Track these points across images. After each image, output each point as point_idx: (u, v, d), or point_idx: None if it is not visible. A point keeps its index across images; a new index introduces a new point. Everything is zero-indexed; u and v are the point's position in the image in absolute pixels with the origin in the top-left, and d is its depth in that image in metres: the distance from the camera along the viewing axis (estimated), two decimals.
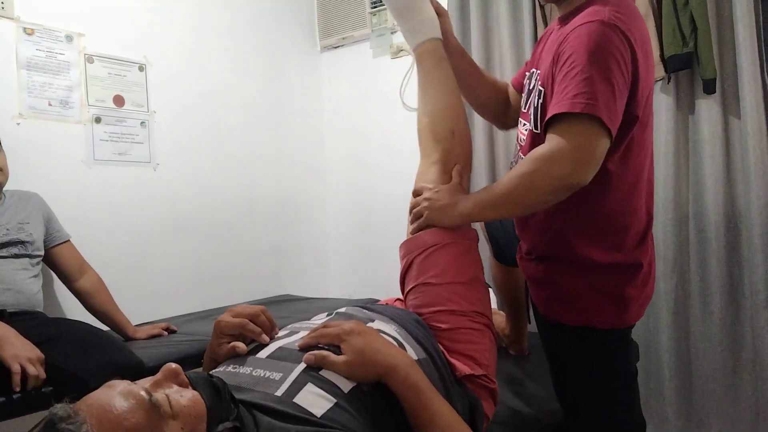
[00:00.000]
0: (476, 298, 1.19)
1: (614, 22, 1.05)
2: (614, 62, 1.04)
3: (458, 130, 1.31)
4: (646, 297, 1.27)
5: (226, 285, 2.77)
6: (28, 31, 2.13)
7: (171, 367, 0.79)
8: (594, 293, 1.21)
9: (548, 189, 1.07)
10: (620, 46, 1.05)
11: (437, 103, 1.34)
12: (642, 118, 1.15)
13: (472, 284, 1.20)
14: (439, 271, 1.18)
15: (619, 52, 1.05)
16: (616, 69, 1.04)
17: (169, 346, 1.87)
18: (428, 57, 1.38)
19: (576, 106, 1.03)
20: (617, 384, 1.26)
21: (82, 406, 0.71)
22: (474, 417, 1.09)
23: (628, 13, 1.10)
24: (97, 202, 2.30)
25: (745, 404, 2.11)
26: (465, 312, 1.15)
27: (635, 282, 1.22)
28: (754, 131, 1.99)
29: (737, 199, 2.12)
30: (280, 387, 0.87)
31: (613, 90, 1.04)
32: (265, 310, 1.05)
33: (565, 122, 1.05)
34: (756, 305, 2.03)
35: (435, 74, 1.36)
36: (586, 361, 1.25)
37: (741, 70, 2.01)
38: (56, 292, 2.14)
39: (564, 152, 1.04)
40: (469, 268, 1.21)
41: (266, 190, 3.02)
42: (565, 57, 1.08)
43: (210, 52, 2.78)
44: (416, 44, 1.40)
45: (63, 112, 2.22)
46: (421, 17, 1.38)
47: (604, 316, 1.21)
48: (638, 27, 1.11)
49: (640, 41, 1.10)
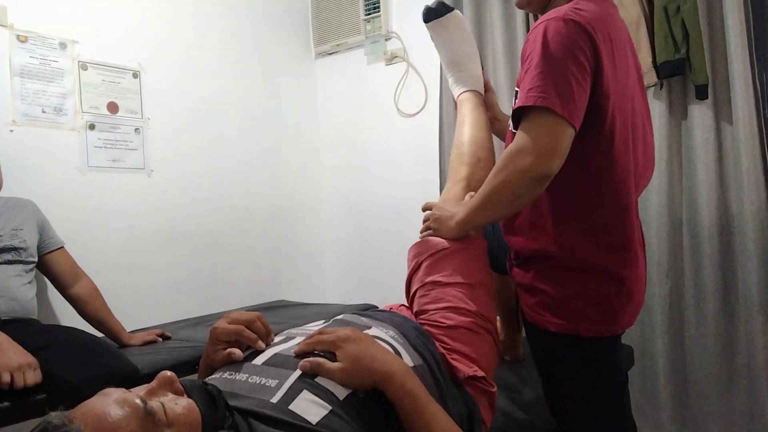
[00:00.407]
0: (482, 302, 1.23)
1: (570, 17, 1.08)
2: (569, 55, 1.06)
3: (484, 158, 1.49)
4: (635, 306, 1.26)
5: (221, 291, 2.76)
6: (21, 38, 2.13)
7: (166, 375, 0.79)
8: (581, 300, 1.20)
9: (518, 183, 1.10)
10: (576, 39, 1.07)
11: (470, 135, 1.52)
12: (615, 112, 1.15)
13: (480, 288, 1.26)
14: (449, 272, 1.24)
15: (575, 45, 1.06)
16: (571, 61, 1.06)
17: (164, 352, 1.87)
18: (468, 102, 1.59)
19: (530, 100, 1.07)
20: (607, 391, 1.26)
21: (77, 414, 0.71)
22: (472, 424, 1.09)
23: (592, 10, 1.12)
24: (91, 209, 2.30)
25: (739, 408, 2.12)
26: (470, 311, 1.19)
27: (621, 292, 1.21)
28: (747, 137, 2.01)
29: (730, 204, 2.13)
30: (275, 394, 0.87)
31: (569, 81, 1.05)
32: (260, 317, 1.05)
33: (524, 117, 1.10)
34: (750, 310, 2.04)
35: (471, 115, 1.56)
36: (575, 369, 1.24)
37: (733, 76, 2.03)
38: (50, 299, 2.13)
39: (525, 145, 1.08)
40: (478, 272, 1.27)
41: (261, 196, 3.02)
42: (525, 56, 1.13)
43: (204, 58, 2.79)
44: (461, 91, 1.62)
45: (57, 119, 2.22)
46: (470, 72, 1.61)
47: (592, 324, 1.21)
48: (604, 24, 1.12)
49: (604, 36, 1.10)
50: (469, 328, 1.18)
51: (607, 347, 1.24)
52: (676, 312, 2.23)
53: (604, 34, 1.11)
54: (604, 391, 1.25)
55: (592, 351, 1.22)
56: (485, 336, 1.19)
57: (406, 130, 3.00)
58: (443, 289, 1.23)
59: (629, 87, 1.21)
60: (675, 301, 2.23)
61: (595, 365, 1.23)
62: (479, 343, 1.17)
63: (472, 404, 1.11)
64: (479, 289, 1.25)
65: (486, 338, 1.19)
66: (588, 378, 1.24)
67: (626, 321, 1.24)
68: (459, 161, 1.51)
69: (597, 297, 1.20)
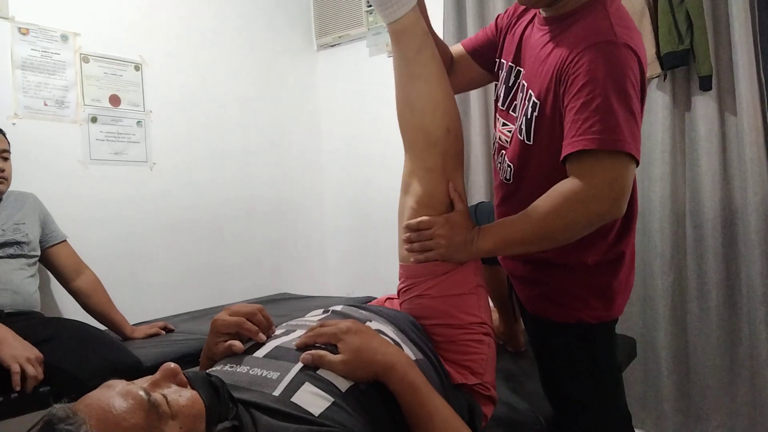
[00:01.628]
0: (475, 307, 1.15)
1: (625, 41, 1.02)
2: (630, 86, 1.01)
3: (453, 126, 1.17)
4: (629, 287, 1.29)
5: (223, 283, 2.77)
6: (23, 31, 2.13)
7: (170, 367, 0.79)
8: (582, 289, 1.22)
9: (586, 225, 1.06)
10: (633, 67, 1.02)
11: (427, 96, 1.16)
12: None
13: (472, 293, 1.15)
14: (437, 286, 1.13)
15: (633, 73, 1.02)
16: (633, 93, 1.01)
17: (167, 345, 1.87)
18: (409, 37, 1.16)
19: (605, 144, 0.99)
20: (605, 377, 1.28)
21: (81, 407, 0.71)
22: (473, 418, 1.09)
23: (627, 24, 1.07)
24: (93, 202, 2.30)
25: (742, 399, 2.12)
26: (462, 325, 1.12)
27: (619, 274, 1.23)
28: (750, 128, 2.00)
29: (734, 196, 2.12)
30: (277, 386, 0.87)
31: (635, 116, 1.01)
32: (262, 309, 1.05)
33: (593, 157, 1.01)
34: (753, 301, 2.03)
35: (420, 60, 1.16)
36: (575, 357, 1.26)
37: (737, 67, 2.01)
38: (53, 292, 2.14)
39: (599, 190, 1.01)
40: (473, 276, 1.16)
41: (264, 188, 3.02)
42: (580, 83, 1.03)
43: (206, 51, 2.78)
44: (392, 19, 1.16)
45: (59, 112, 2.22)
46: None
47: (593, 311, 1.22)
48: (638, 35, 1.09)
49: (642, 52, 1.06)
50: (461, 340, 1.13)
51: (607, 333, 1.27)
52: (679, 303, 2.23)
53: (642, 48, 1.06)
54: (603, 378, 1.27)
55: (594, 337, 1.24)
56: (480, 339, 1.15)
57: None
58: (432, 303, 1.14)
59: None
60: (678, 292, 2.23)
61: (595, 352, 1.25)
62: (474, 350, 1.13)
63: (471, 399, 1.11)
64: (471, 294, 1.15)
65: (481, 341, 1.14)
66: (588, 363, 1.25)
67: (622, 303, 1.27)
68: (423, 138, 1.16)
69: (598, 284, 1.22)
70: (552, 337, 1.29)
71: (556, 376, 1.32)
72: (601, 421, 1.29)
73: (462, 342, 1.13)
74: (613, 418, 1.30)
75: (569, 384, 1.28)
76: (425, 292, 1.14)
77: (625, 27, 1.05)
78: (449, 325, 1.13)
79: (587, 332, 1.24)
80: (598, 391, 1.27)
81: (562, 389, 1.31)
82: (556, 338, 1.28)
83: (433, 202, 1.15)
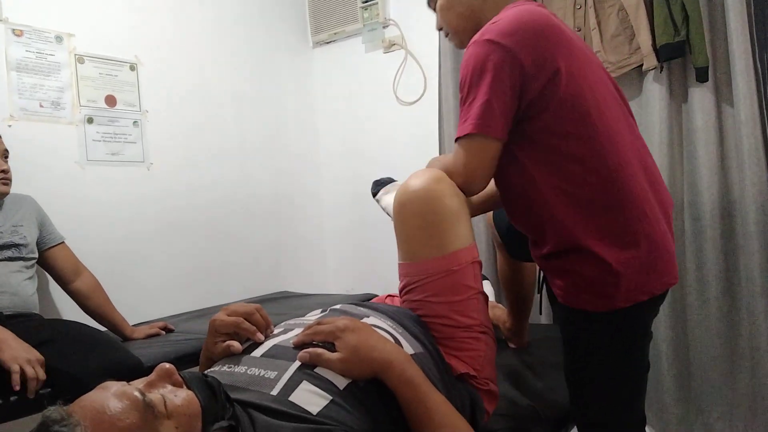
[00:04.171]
0: (475, 311, 1.15)
1: (487, 38, 1.13)
2: (489, 73, 1.12)
3: None
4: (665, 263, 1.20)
5: (223, 282, 2.77)
6: (17, 32, 2.12)
7: (165, 367, 0.79)
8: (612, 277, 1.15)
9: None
10: (493, 56, 1.11)
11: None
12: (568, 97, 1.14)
13: (471, 298, 1.15)
14: (437, 290, 1.14)
15: (493, 62, 1.11)
16: (491, 78, 1.11)
17: (167, 345, 1.87)
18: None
19: (461, 132, 1.17)
20: (630, 367, 1.23)
21: (76, 408, 0.71)
22: (474, 412, 1.09)
23: (501, 24, 1.14)
24: (91, 203, 2.30)
25: (743, 390, 2.12)
26: (460, 325, 1.13)
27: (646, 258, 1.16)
28: (748, 118, 1.99)
29: (732, 187, 2.12)
30: (275, 386, 0.87)
31: (490, 100, 1.12)
32: (260, 308, 1.05)
33: (458, 143, 1.19)
34: (752, 292, 2.03)
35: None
36: (605, 342, 1.21)
37: (733, 58, 2.01)
38: (52, 294, 2.14)
39: (456, 169, 1.18)
40: (473, 282, 1.16)
41: (261, 186, 3.02)
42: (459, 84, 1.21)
43: (201, 50, 2.77)
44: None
45: (55, 114, 2.21)
46: None
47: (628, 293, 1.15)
48: (523, 33, 1.13)
49: (524, 43, 1.11)
50: (459, 337, 1.14)
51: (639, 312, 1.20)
52: (678, 296, 2.23)
53: (520, 40, 1.12)
54: (628, 366, 1.23)
55: (627, 319, 1.19)
56: (478, 337, 1.15)
57: (406, 119, 2.99)
58: (432, 306, 1.14)
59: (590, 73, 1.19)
60: (677, 285, 2.20)
61: (627, 333, 1.21)
62: (472, 347, 1.13)
63: (474, 393, 1.11)
64: (471, 299, 1.15)
65: (479, 339, 1.15)
66: (616, 349, 1.21)
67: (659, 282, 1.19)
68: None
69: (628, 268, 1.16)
70: (585, 324, 1.23)
71: (582, 363, 1.26)
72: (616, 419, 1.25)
73: (459, 339, 1.13)
74: (628, 417, 1.27)
75: (594, 371, 1.24)
76: (426, 299, 1.15)
77: (496, 25, 1.14)
78: (446, 325, 1.13)
79: (621, 315, 1.18)
80: (619, 382, 1.23)
81: (586, 382, 1.26)
82: (589, 324, 1.22)
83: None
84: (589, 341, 1.23)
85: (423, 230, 1.14)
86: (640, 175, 1.18)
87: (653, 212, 1.17)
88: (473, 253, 1.17)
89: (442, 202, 1.13)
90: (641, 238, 1.13)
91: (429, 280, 1.13)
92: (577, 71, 1.14)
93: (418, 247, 1.15)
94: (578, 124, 1.13)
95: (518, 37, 1.11)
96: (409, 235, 1.16)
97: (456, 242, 1.14)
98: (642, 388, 1.29)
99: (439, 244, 1.13)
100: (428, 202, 1.13)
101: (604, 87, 1.21)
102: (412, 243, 1.15)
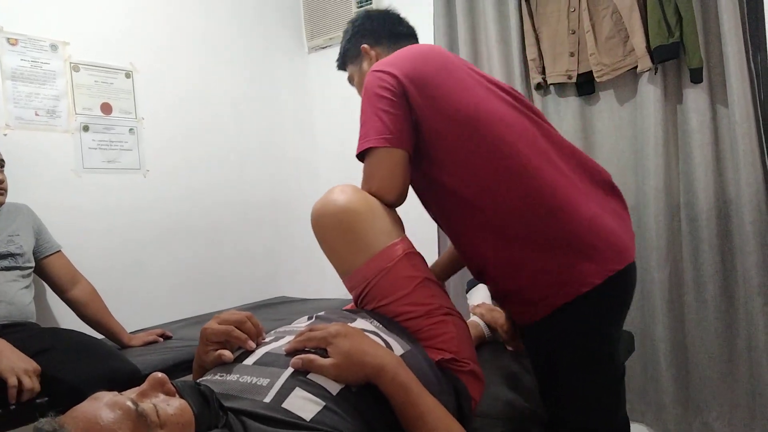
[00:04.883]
0: (428, 296, 1.16)
1: (374, 69, 1.24)
2: (377, 95, 1.21)
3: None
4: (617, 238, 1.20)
5: (220, 289, 2.76)
6: (11, 41, 2.12)
7: (157, 377, 0.79)
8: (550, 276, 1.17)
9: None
10: (381, 82, 1.21)
11: None
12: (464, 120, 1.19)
13: (419, 287, 1.15)
14: (383, 292, 1.15)
15: (381, 84, 1.21)
16: (380, 97, 1.20)
17: (165, 352, 1.87)
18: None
19: (358, 149, 1.24)
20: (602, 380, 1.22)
21: (68, 419, 0.71)
22: (459, 400, 1.10)
23: (393, 57, 1.26)
24: (88, 211, 2.29)
25: (741, 390, 2.12)
26: (420, 314, 1.13)
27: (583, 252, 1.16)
28: (742, 119, 2.00)
29: (728, 187, 2.13)
30: (268, 393, 0.87)
31: (380, 116, 1.20)
32: (251, 317, 1.05)
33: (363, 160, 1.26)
34: (749, 291, 2.03)
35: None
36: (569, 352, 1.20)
37: (727, 59, 2.01)
38: (49, 302, 2.13)
39: (364, 183, 1.25)
40: (414, 270, 1.16)
41: (258, 192, 3.02)
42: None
43: (197, 56, 2.77)
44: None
45: (50, 122, 2.21)
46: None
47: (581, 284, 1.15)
48: (410, 60, 1.23)
49: (406, 69, 1.21)
50: (424, 326, 1.13)
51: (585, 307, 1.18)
52: (676, 296, 2.23)
53: (405, 65, 1.22)
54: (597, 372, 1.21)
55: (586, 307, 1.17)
56: (443, 320, 1.15)
57: None
58: (386, 309, 1.15)
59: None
60: (674, 285, 2.23)
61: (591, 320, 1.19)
62: (440, 332, 1.13)
63: (456, 381, 1.12)
64: (420, 287, 1.15)
65: (445, 322, 1.15)
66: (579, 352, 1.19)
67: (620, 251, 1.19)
68: None
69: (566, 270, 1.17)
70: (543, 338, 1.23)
71: (553, 374, 1.26)
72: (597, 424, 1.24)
73: (425, 328, 1.13)
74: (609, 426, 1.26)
75: (566, 380, 1.23)
76: (379, 305, 1.16)
77: (387, 60, 1.26)
78: (409, 318, 1.14)
79: (573, 313, 1.16)
80: (597, 394, 1.22)
81: (560, 388, 1.25)
82: (545, 338, 1.22)
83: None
84: (552, 350, 1.22)
85: (342, 240, 1.15)
86: (547, 169, 1.18)
87: (576, 200, 1.17)
88: (403, 246, 1.17)
89: (349, 208, 1.15)
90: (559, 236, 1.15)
91: (370, 285, 1.15)
92: (460, 88, 1.21)
93: (346, 257, 1.17)
94: (469, 139, 1.18)
95: (399, 61, 1.23)
96: (333, 249, 1.18)
97: (379, 241, 1.15)
98: (620, 395, 1.29)
99: (363, 248, 1.15)
100: (336, 213, 1.15)
101: (495, 98, 1.25)
102: (339, 256, 1.18)
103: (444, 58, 1.26)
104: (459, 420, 0.98)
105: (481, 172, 1.18)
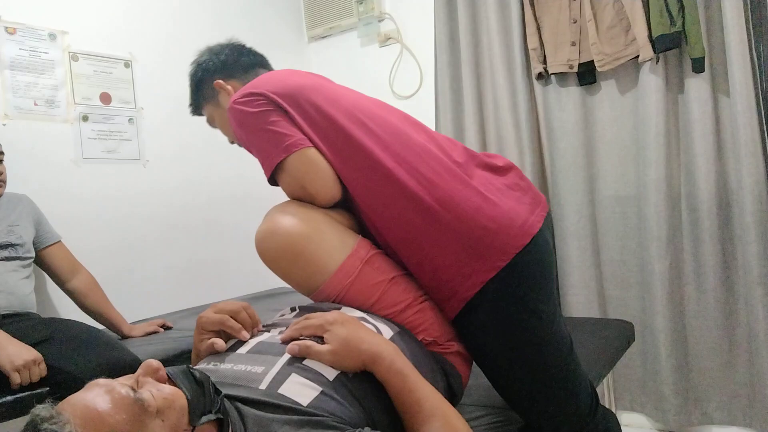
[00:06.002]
0: (401, 292, 1.13)
1: (234, 99, 1.24)
2: (252, 117, 1.20)
3: None
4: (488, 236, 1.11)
5: (221, 279, 2.77)
6: (9, 30, 2.11)
7: (150, 363, 0.80)
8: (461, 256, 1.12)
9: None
10: (249, 103, 1.20)
11: None
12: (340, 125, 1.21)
13: (389, 288, 1.12)
14: (357, 305, 1.10)
15: (250, 107, 1.20)
16: (256, 117, 1.19)
17: (165, 342, 1.87)
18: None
19: (269, 168, 1.22)
20: (550, 356, 1.14)
21: (65, 406, 0.71)
22: (449, 380, 1.11)
23: (253, 83, 1.26)
24: (87, 201, 2.29)
25: (741, 380, 2.13)
26: (398, 311, 1.11)
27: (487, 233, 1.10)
28: (744, 109, 1.99)
29: (729, 178, 2.12)
30: (263, 380, 0.87)
31: (269, 131, 1.18)
32: (247, 307, 1.04)
33: (278, 175, 1.23)
34: (749, 282, 2.03)
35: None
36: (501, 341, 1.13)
37: (729, 48, 2.00)
38: (50, 293, 2.14)
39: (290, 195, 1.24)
40: (379, 273, 1.13)
41: (258, 182, 2.97)
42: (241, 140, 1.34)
43: (196, 45, 2.74)
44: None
45: (49, 112, 2.21)
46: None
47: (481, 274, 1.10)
48: (271, 82, 1.25)
49: (270, 87, 1.22)
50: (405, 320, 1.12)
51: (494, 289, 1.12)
52: (676, 286, 2.23)
53: (271, 84, 1.23)
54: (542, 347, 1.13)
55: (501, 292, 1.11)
56: (421, 308, 1.13)
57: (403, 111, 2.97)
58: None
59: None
60: (675, 275, 2.23)
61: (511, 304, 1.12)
62: (419, 321, 1.12)
63: (444, 362, 1.12)
64: (391, 286, 1.13)
65: (423, 310, 1.13)
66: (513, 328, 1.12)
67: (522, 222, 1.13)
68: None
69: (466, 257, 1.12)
70: (469, 334, 1.17)
71: (498, 367, 1.18)
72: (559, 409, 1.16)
73: (408, 321, 1.12)
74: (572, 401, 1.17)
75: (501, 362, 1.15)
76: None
77: (240, 91, 1.26)
78: (389, 318, 1.11)
79: (488, 304, 1.11)
80: (545, 368, 1.14)
81: (509, 381, 1.18)
82: (471, 333, 1.16)
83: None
84: (483, 343, 1.16)
85: (295, 266, 1.08)
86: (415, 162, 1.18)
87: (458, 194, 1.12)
88: (360, 255, 1.12)
89: (294, 232, 1.07)
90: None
91: (337, 301, 1.11)
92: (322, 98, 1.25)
93: (302, 282, 1.11)
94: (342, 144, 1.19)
95: (261, 83, 1.24)
96: (288, 277, 1.10)
97: (333, 259, 1.09)
98: (574, 367, 1.18)
99: (319, 270, 1.08)
100: (282, 243, 1.07)
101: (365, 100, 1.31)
102: (296, 282, 1.11)
103: (304, 75, 1.31)
104: (450, 399, 0.98)
105: (355, 182, 1.18)
